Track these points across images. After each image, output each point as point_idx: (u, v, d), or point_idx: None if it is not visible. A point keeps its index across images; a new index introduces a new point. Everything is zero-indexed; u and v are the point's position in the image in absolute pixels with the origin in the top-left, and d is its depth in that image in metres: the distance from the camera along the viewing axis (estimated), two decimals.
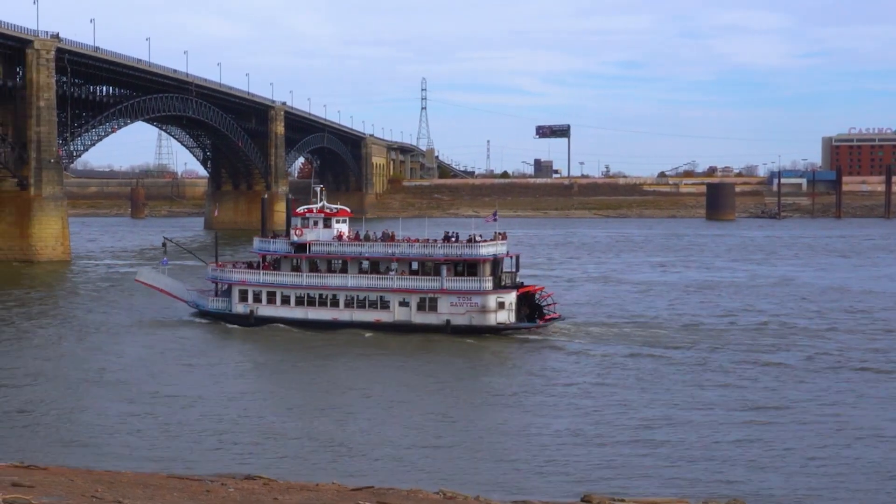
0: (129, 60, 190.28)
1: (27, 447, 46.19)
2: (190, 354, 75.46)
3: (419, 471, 44.18)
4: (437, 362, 72.56)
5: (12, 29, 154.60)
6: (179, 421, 53.38)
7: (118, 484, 28.02)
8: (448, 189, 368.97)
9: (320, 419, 54.43)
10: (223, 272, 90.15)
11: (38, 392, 60.82)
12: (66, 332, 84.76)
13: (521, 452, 48.21)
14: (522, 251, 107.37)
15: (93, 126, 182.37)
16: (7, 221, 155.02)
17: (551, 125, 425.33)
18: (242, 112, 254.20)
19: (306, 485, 30.39)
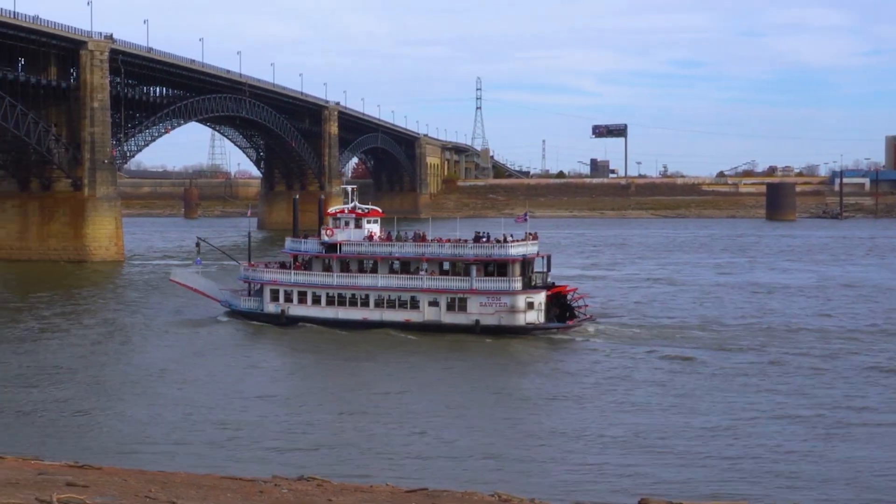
0: (183, 61, 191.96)
1: (81, 447, 46.68)
2: (231, 355, 76.17)
3: (473, 473, 44.11)
4: (474, 363, 72.80)
5: (66, 30, 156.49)
6: (231, 421, 53.68)
7: (172, 484, 28.20)
8: (503, 189, 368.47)
9: (371, 420, 54.52)
10: (255, 272, 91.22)
11: (89, 392, 61.44)
12: (111, 332, 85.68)
13: (575, 454, 47.99)
14: (581, 252, 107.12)
15: (146, 127, 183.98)
16: (61, 222, 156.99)
17: (608, 124, 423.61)
18: (296, 112, 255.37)
19: (360, 486, 30.43)
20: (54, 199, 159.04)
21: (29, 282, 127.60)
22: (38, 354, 74.51)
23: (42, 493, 23.64)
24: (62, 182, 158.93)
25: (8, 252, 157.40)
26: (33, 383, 63.43)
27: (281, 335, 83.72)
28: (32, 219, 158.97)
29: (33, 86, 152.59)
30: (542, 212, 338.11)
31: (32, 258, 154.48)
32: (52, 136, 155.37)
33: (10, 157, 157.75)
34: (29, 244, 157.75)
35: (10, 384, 62.90)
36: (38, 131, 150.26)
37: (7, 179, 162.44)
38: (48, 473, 27.88)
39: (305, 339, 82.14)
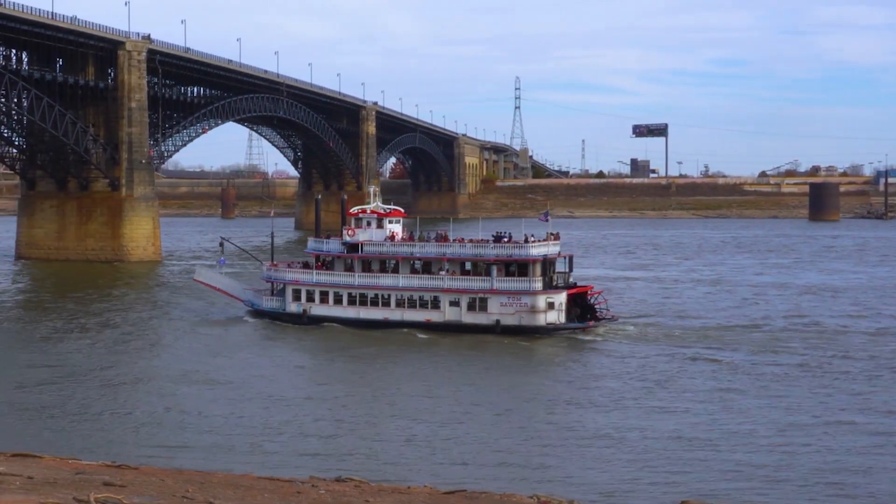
0: (220, 61, 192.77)
1: (118, 447, 46.97)
2: (260, 355, 76.85)
3: (511, 474, 44.03)
4: (502, 363, 72.92)
5: (104, 30, 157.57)
6: (269, 422, 53.89)
7: (209, 484, 28.27)
8: (542, 189, 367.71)
9: (406, 421, 54.61)
10: (277, 272, 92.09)
11: (123, 393, 61.91)
12: (143, 333, 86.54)
13: (614, 457, 47.78)
14: (622, 252, 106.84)
15: (184, 127, 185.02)
16: (99, 222, 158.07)
17: (648, 124, 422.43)
18: (333, 112, 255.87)
19: (398, 487, 30.41)
20: (92, 200, 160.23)
21: (65, 282, 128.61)
22: (73, 355, 75.10)
23: (80, 492, 23.75)
24: (100, 182, 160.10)
25: (46, 252, 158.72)
26: (68, 383, 63.90)
27: (306, 335, 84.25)
28: (70, 219, 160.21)
29: (71, 86, 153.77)
30: (581, 212, 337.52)
31: (70, 258, 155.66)
32: (90, 136, 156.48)
33: (49, 157, 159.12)
34: (67, 244, 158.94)
35: (47, 385, 63.37)
36: (76, 131, 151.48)
37: (45, 179, 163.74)
38: (85, 473, 28.02)
39: (331, 339, 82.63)
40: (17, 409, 57.04)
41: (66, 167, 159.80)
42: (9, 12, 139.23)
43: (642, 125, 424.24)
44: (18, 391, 61.57)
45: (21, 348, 78.14)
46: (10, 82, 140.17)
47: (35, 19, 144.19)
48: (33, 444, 43.35)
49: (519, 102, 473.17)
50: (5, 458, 28.81)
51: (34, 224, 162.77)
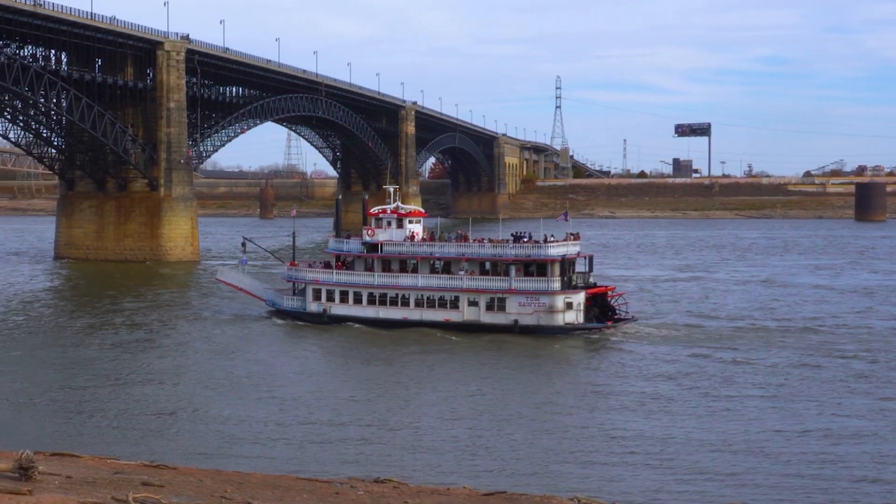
0: (259, 61, 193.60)
1: (156, 447, 47.24)
2: (292, 355, 77.58)
3: (551, 476, 43.99)
4: (525, 364, 73.36)
5: (143, 31, 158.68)
6: (305, 422, 54.08)
7: (247, 485, 28.38)
8: (583, 189, 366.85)
9: (443, 421, 54.72)
10: (298, 272, 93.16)
11: (163, 393, 62.24)
12: (174, 333, 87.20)
13: (655, 458, 47.60)
14: (666, 253, 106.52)
15: (222, 127, 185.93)
16: (137, 222, 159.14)
17: (691, 123, 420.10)
18: (372, 112, 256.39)
19: (437, 488, 30.39)
20: (130, 200, 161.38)
21: (103, 282, 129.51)
22: (110, 354, 75.67)
23: (118, 492, 23.90)
24: (138, 182, 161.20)
25: (85, 252, 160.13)
26: (107, 383, 64.44)
27: (330, 335, 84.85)
28: (109, 219, 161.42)
29: (110, 86, 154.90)
30: (622, 212, 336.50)
31: (109, 258, 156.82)
32: (129, 136, 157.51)
33: (88, 157, 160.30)
34: (105, 244, 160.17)
35: (85, 384, 63.86)
36: (114, 132, 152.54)
37: (84, 180, 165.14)
38: (124, 473, 28.19)
39: (354, 339, 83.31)
40: (56, 409, 57.57)
41: (104, 167, 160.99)
42: (48, 13, 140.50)
43: (685, 124, 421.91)
44: (58, 391, 62.11)
45: (59, 348, 78.83)
46: (50, 83, 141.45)
47: (74, 20, 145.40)
48: (72, 443, 43.73)
49: (560, 102, 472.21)
50: (44, 458, 29.02)
51: (73, 224, 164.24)
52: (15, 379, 66.05)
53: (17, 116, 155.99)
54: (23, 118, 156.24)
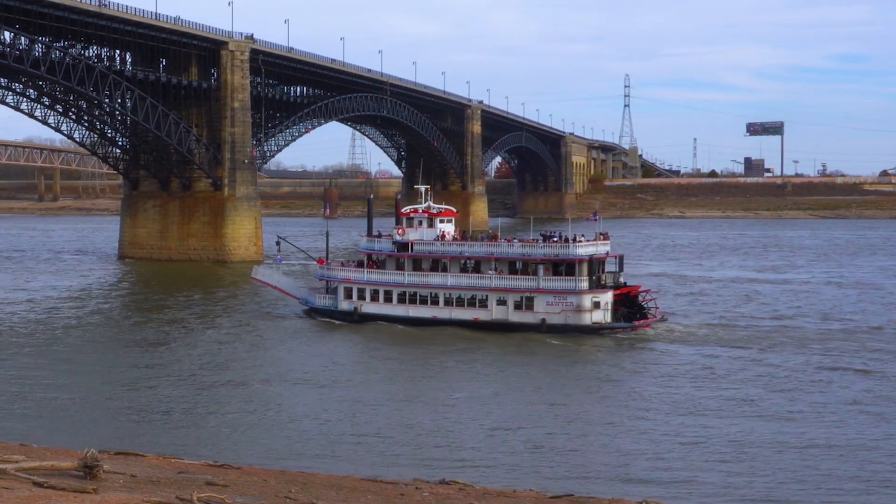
0: (323, 60, 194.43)
1: (220, 446, 47.59)
2: (336, 354, 78.63)
3: (618, 478, 43.76)
4: (569, 363, 74.59)
5: (207, 30, 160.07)
6: (369, 423, 54.23)
7: (312, 485, 28.51)
8: (652, 189, 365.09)
9: (508, 423, 54.60)
10: (330, 270, 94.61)
11: (225, 393, 62.73)
12: (232, 332, 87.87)
13: (721, 462, 47.20)
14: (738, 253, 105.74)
15: (286, 126, 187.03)
16: (201, 222, 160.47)
17: (763, 122, 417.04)
18: (438, 111, 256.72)
19: (503, 491, 30.35)
20: (194, 199, 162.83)
21: (167, 282, 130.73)
22: (173, 354, 76.46)
23: (182, 491, 24.10)
24: (202, 182, 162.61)
25: (149, 252, 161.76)
26: (170, 383, 64.99)
27: (369, 334, 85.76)
28: (173, 218, 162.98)
29: (174, 86, 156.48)
30: (692, 212, 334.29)
31: (173, 258, 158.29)
32: (193, 136, 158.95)
33: (152, 157, 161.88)
34: (169, 244, 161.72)
35: (149, 384, 64.51)
36: (178, 132, 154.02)
37: (148, 179, 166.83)
38: (188, 472, 28.42)
39: (392, 338, 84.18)
40: (120, 408, 58.18)
41: (168, 167, 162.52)
42: (113, 13, 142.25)
43: (757, 123, 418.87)
44: (122, 390, 62.78)
45: (123, 348, 79.75)
46: (115, 83, 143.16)
47: (139, 20, 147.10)
48: (136, 442, 44.20)
49: (628, 100, 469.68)
50: (109, 457, 29.32)
51: (137, 224, 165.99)
52: (79, 378, 66.92)
53: (82, 117, 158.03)
54: (88, 118, 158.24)
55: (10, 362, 71.28)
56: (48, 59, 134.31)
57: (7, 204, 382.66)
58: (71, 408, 58.20)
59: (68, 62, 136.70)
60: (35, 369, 69.06)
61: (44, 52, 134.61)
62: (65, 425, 52.76)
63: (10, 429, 47.53)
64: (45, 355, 74.86)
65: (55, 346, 79.71)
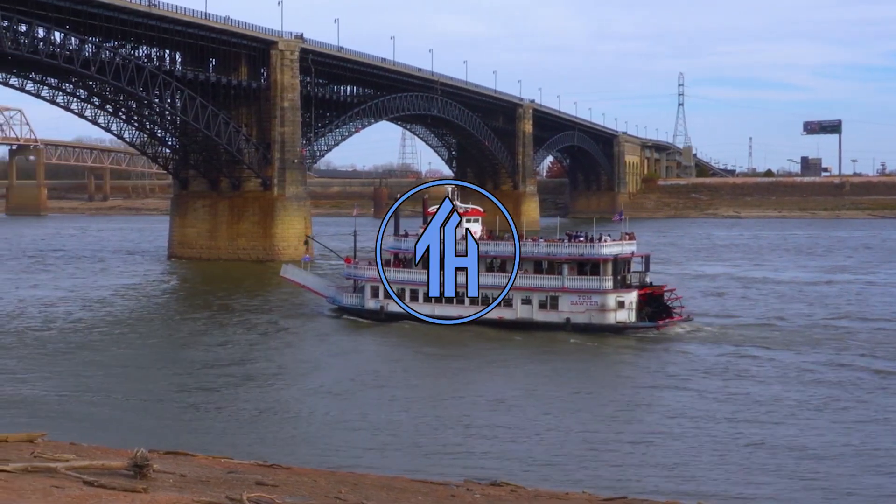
0: (373, 60, 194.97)
1: (270, 446, 47.78)
2: (383, 353, 79.71)
3: (672, 480, 43.46)
4: (605, 365, 75.50)
5: (257, 30, 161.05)
6: (419, 423, 54.30)
7: (362, 486, 28.60)
8: (706, 188, 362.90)
9: (557, 424, 54.47)
10: (356, 269, 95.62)
11: (275, 393, 63.01)
12: (286, 332, 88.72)
13: (777, 463, 46.83)
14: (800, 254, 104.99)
15: (336, 126, 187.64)
16: (251, 221, 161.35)
17: (820, 121, 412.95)
18: (489, 110, 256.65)
19: (555, 493, 30.33)
20: (244, 199, 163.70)
21: (216, 281, 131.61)
22: (222, 354, 77.00)
23: (232, 491, 24.25)
24: (252, 182, 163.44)
25: (198, 251, 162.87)
26: (219, 383, 65.44)
27: (403, 333, 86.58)
28: (222, 218, 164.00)
29: (224, 86, 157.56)
30: (748, 212, 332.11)
31: (222, 258, 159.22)
32: (243, 136, 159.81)
33: (201, 157, 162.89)
34: (218, 243, 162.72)
35: (199, 383, 64.97)
36: (228, 131, 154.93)
37: (198, 179, 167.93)
38: (238, 472, 28.58)
39: (423, 336, 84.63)
40: (169, 408, 58.66)
41: (218, 167, 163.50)
42: (163, 13, 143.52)
43: (814, 122, 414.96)
44: (171, 390, 63.23)
45: (172, 348, 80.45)
46: (164, 83, 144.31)
47: (189, 20, 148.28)
48: (186, 442, 44.45)
49: (682, 99, 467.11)
50: (159, 456, 29.55)
51: (186, 223, 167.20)
52: (129, 377, 67.49)
53: (131, 116, 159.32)
54: (137, 118, 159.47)
55: (60, 361, 72.04)
56: (98, 59, 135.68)
57: (57, 203, 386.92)
58: (121, 407, 58.70)
59: (118, 62, 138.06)
60: (85, 369, 69.76)
61: (94, 53, 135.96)
62: (114, 424, 53.19)
63: (60, 427, 47.87)
64: (95, 355, 75.61)
65: (105, 345, 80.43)
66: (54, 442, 32.96)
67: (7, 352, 76.16)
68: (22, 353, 75.56)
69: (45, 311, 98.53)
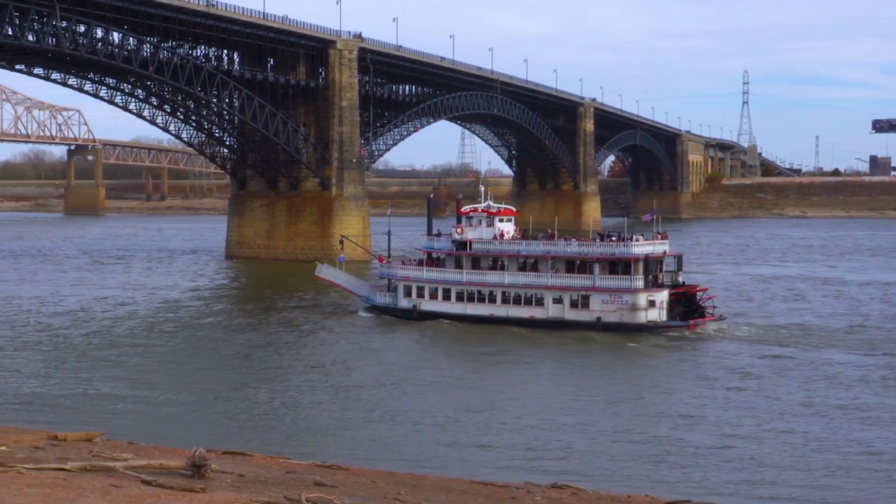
0: (432, 59, 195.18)
1: (328, 447, 47.87)
2: (427, 353, 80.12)
3: (733, 482, 43.05)
4: (652, 366, 75.40)
5: (315, 30, 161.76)
6: (479, 425, 54.12)
7: (421, 487, 28.66)
8: (772, 188, 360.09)
9: (615, 426, 54.27)
10: (390, 269, 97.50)
11: (331, 393, 63.13)
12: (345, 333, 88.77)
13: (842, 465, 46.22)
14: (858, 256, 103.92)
15: (395, 125, 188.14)
16: (309, 221, 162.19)
17: (889, 119, 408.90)
18: (549, 109, 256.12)
19: (617, 496, 30.22)
20: (302, 199, 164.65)
21: (274, 281, 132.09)
22: (280, 355, 77.56)
23: (291, 491, 24.40)
24: (310, 181, 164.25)
25: (256, 251, 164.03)
26: (277, 383, 65.71)
27: (444, 332, 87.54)
28: (280, 218, 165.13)
29: (282, 86, 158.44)
30: (814, 212, 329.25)
31: (279, 257, 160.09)
32: (301, 135, 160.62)
33: (259, 156, 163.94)
34: (276, 243, 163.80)
35: (254, 384, 65.23)
36: (286, 131, 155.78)
37: (256, 179, 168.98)
38: (296, 472, 28.76)
39: (463, 336, 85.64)
40: (228, 407, 58.99)
41: (276, 166, 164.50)
42: (221, 13, 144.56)
43: (883, 120, 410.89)
44: (229, 390, 63.62)
45: (229, 349, 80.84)
46: (222, 83, 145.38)
47: (247, 20, 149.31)
48: (244, 442, 44.76)
49: (747, 98, 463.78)
50: (217, 456, 29.78)
51: (244, 223, 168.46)
52: (187, 378, 68.01)
53: (189, 116, 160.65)
54: (195, 118, 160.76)
55: (118, 361, 72.73)
56: (156, 59, 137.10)
57: (115, 203, 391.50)
58: (178, 407, 59.15)
59: (176, 62, 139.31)
60: (144, 368, 70.52)
61: (152, 53, 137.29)
62: (172, 424, 53.55)
63: (118, 426, 48.39)
64: (153, 354, 76.44)
65: (162, 345, 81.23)
66: (112, 441, 33.33)
67: (71, 349, 77.41)
68: (83, 351, 76.73)
69: (107, 311, 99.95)
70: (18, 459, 26.31)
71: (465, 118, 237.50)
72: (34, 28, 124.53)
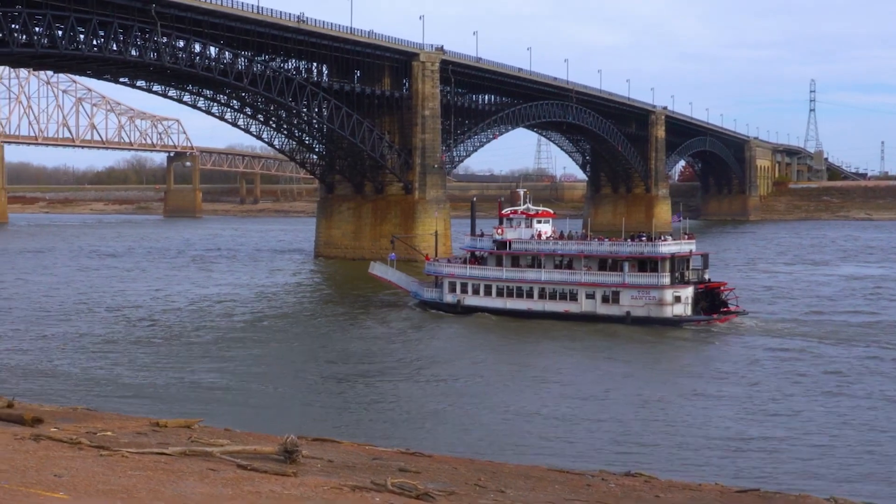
0: (510, 70, 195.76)
1: (411, 435, 47.94)
2: (493, 346, 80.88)
3: (804, 473, 42.45)
4: (714, 357, 74.87)
5: (399, 43, 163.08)
6: (555, 415, 53.97)
7: (500, 474, 28.59)
8: (837, 191, 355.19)
9: (686, 415, 53.90)
10: (436, 266, 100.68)
11: (413, 384, 63.30)
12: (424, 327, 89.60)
13: None
14: None
15: (474, 133, 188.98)
16: (393, 223, 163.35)
17: None
18: (622, 117, 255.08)
19: (688, 484, 29.91)
20: (386, 202, 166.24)
21: (361, 279, 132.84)
22: (368, 347, 77.99)
23: (377, 476, 24.45)
24: (394, 186, 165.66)
25: (343, 251, 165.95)
26: (356, 374, 66.05)
27: (484, 325, 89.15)
28: (365, 220, 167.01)
29: (368, 96, 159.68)
30: (880, 215, 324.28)
31: (365, 257, 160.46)
32: (386, 142, 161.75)
33: (347, 162, 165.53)
34: (362, 244, 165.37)
35: (341, 374, 65.55)
36: (372, 138, 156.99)
37: (343, 183, 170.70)
38: (382, 459, 28.83)
39: (509, 329, 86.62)
40: (318, 396, 59.40)
41: (362, 172, 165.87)
42: (311, 29, 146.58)
43: None
44: (318, 380, 64.07)
45: (319, 340, 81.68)
46: (312, 93, 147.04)
47: (335, 34, 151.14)
48: (333, 429, 44.95)
49: (814, 105, 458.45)
50: (307, 443, 29.94)
51: (332, 225, 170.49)
52: (279, 367, 68.70)
53: (281, 125, 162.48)
54: (287, 126, 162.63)
55: (219, 354, 73.67)
56: (250, 72, 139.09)
57: (211, 206, 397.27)
58: (272, 396, 59.72)
59: (269, 75, 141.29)
60: (241, 359, 71.38)
61: (246, 66, 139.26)
62: (266, 412, 54.10)
63: (215, 413, 48.88)
64: (250, 346, 77.26)
65: (258, 338, 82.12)
66: (210, 428, 33.64)
67: (177, 343, 78.89)
68: (187, 344, 78.15)
69: (207, 306, 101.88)
70: (123, 444, 26.68)
71: (542, 125, 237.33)
72: (137, 44, 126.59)
